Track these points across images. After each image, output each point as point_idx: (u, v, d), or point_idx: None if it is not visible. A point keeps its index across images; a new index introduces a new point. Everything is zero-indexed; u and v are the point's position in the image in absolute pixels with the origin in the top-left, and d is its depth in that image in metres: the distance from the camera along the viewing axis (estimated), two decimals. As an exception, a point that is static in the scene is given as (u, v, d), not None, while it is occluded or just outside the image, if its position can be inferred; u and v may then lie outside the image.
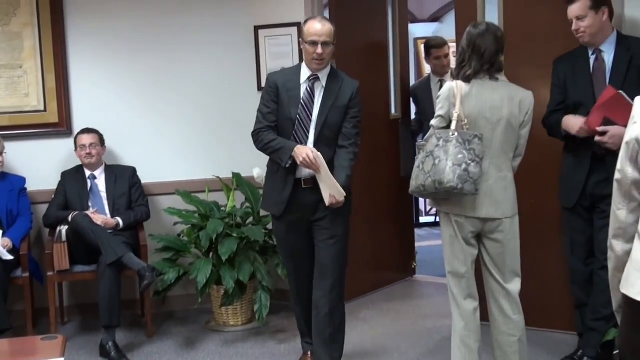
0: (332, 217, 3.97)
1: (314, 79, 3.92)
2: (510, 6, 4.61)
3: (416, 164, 3.67)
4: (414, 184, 3.67)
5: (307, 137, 3.91)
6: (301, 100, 3.90)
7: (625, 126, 3.68)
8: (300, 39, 3.97)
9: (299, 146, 3.83)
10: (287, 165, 3.85)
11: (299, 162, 3.81)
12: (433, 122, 3.70)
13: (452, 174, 3.44)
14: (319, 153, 3.82)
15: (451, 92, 3.61)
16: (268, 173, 4.16)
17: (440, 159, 3.50)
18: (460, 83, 3.62)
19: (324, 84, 3.93)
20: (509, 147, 3.68)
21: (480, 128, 3.58)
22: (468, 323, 3.72)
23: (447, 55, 6.05)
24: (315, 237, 4.04)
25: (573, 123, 3.96)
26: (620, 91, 3.78)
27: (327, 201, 3.85)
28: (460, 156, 3.46)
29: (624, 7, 4.21)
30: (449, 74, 5.36)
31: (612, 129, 3.78)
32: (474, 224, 3.66)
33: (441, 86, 5.11)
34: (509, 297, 3.74)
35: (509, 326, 3.74)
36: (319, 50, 3.83)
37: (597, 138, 3.83)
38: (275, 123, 3.93)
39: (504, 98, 3.63)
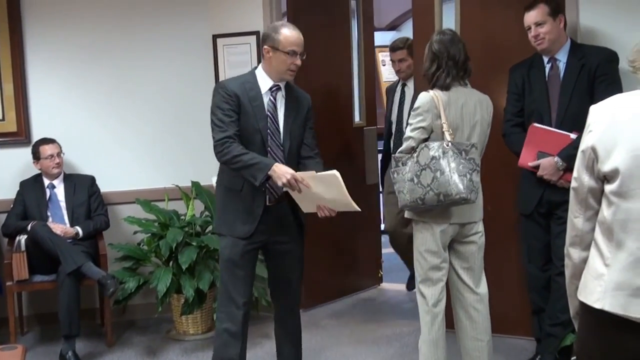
0: (297, 235, 3.78)
1: (276, 89, 3.66)
2: (467, 14, 4.67)
3: (407, 177, 3.62)
4: (408, 198, 3.61)
5: (281, 151, 3.63)
6: (267, 112, 3.61)
7: (555, 155, 3.86)
8: (268, 47, 3.59)
9: (277, 165, 3.44)
10: (259, 184, 3.47)
11: (280, 184, 3.42)
12: (413, 134, 3.65)
13: (461, 184, 3.47)
14: (308, 173, 3.48)
15: (433, 103, 3.60)
16: (223, 189, 3.73)
17: (441, 171, 3.48)
18: (438, 93, 3.64)
19: (284, 95, 3.71)
20: (481, 150, 3.76)
21: (460, 134, 3.64)
22: (439, 329, 3.75)
23: (401, 60, 5.59)
24: (273, 257, 3.81)
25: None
26: (534, 123, 3.93)
27: (306, 210, 3.65)
28: (461, 167, 3.50)
29: (578, 16, 4.29)
30: (411, 78, 5.39)
31: (542, 162, 3.93)
32: (455, 230, 3.72)
33: (402, 91, 5.08)
34: (480, 301, 3.81)
35: (477, 331, 3.80)
36: (298, 61, 3.61)
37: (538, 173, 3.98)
38: (239, 133, 3.56)
39: (475, 103, 3.72)
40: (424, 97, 3.65)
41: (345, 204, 3.44)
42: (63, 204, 5.13)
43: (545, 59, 4.09)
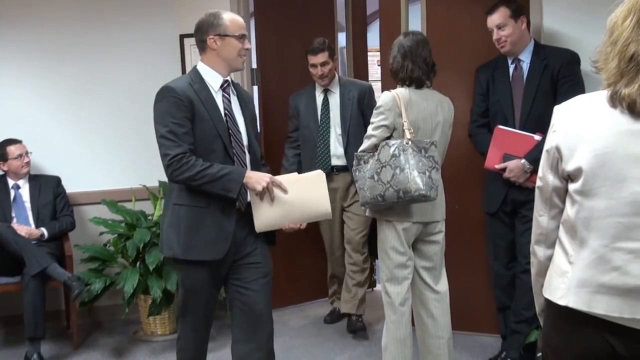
0: (262, 249, 3.36)
1: (227, 85, 3.29)
2: (433, 15, 4.71)
3: (367, 175, 3.62)
4: (368, 195, 3.62)
5: (245, 154, 3.28)
6: (225, 112, 3.23)
7: (522, 157, 3.91)
8: (214, 36, 3.21)
9: (249, 171, 3.17)
10: (236, 196, 3.11)
11: (257, 191, 3.11)
12: (375, 132, 3.67)
13: (420, 181, 3.49)
14: (290, 175, 3.29)
15: (394, 102, 3.63)
16: (183, 209, 3.19)
17: (401, 168, 3.50)
18: (400, 92, 3.67)
19: (234, 91, 3.35)
20: (443, 151, 3.80)
21: (422, 134, 3.67)
22: (405, 328, 3.77)
23: (324, 64, 4.94)
24: (238, 279, 3.33)
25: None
26: (499, 126, 3.98)
27: (260, 227, 3.23)
28: (421, 164, 3.52)
29: (542, 18, 4.35)
30: (335, 83, 5.03)
31: (509, 164, 3.98)
32: (418, 229, 3.75)
33: (326, 97, 4.99)
34: (441, 299, 3.83)
35: (438, 328, 3.83)
36: (248, 44, 3.29)
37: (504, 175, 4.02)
38: (193, 145, 3.12)
39: (437, 104, 3.76)
40: (386, 96, 3.69)
41: (321, 209, 3.23)
42: (28, 205, 5.08)
43: (509, 60, 4.14)
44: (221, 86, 3.26)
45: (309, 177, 3.27)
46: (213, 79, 3.25)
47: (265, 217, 3.20)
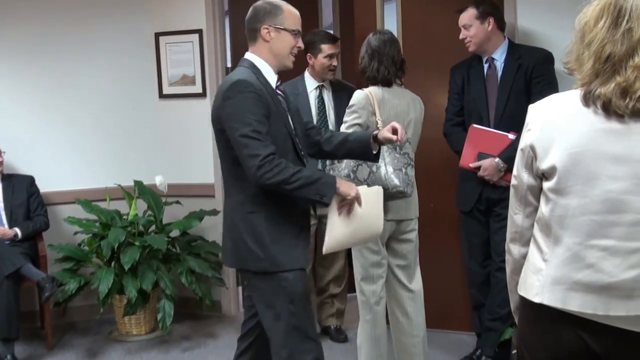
0: None
1: (279, 81, 3.08)
2: (408, 15, 4.73)
3: (343, 173, 3.57)
4: None
5: (306, 158, 3.08)
6: (286, 110, 3.04)
7: (496, 155, 3.94)
8: (269, 26, 2.95)
9: (339, 178, 3.01)
10: (330, 202, 2.87)
11: (349, 198, 2.90)
12: (349, 131, 3.63)
13: (397, 178, 3.49)
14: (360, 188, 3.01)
15: (367, 101, 3.63)
16: (261, 217, 2.92)
17: (377, 165, 3.49)
18: (373, 90, 3.67)
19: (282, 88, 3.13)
20: (413, 148, 3.81)
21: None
22: (380, 326, 3.77)
23: (333, 56, 4.66)
24: None
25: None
26: (474, 124, 4.01)
27: (329, 247, 3.01)
28: (396, 161, 3.53)
29: (516, 18, 4.39)
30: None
31: (483, 163, 4.02)
32: (392, 226, 3.75)
33: (320, 93, 4.69)
34: (415, 298, 3.85)
35: (412, 326, 3.84)
36: (301, 43, 3.06)
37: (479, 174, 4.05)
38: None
39: (409, 102, 3.77)
40: (359, 94, 3.69)
41: (374, 229, 3.08)
42: (1, 205, 5.03)
43: (484, 59, 4.17)
44: (277, 82, 3.05)
45: (371, 193, 3.06)
46: (269, 74, 3.01)
47: (336, 234, 2.96)
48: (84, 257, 5.03)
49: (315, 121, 4.60)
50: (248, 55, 3.03)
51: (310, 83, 4.71)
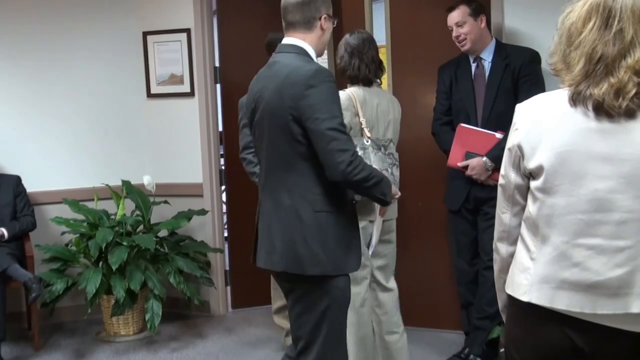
0: None
1: None
2: (396, 15, 4.73)
3: None
4: None
5: None
6: None
7: (484, 154, 3.95)
8: (327, 15, 2.89)
9: None
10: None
11: (396, 197, 2.98)
12: None
13: None
14: None
15: (350, 102, 3.61)
16: (329, 216, 2.78)
17: None
18: (355, 91, 3.67)
19: None
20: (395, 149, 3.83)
21: (376, 132, 3.68)
22: (365, 327, 3.77)
23: None
24: None
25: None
26: (461, 124, 4.02)
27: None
28: (382, 161, 3.54)
29: (503, 17, 4.40)
30: None
31: (471, 162, 4.02)
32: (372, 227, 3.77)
33: None
34: (392, 295, 3.87)
35: (392, 324, 3.86)
36: None
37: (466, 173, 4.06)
38: None
39: (388, 102, 3.78)
40: (342, 95, 3.61)
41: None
42: (-13, 205, 5.00)
43: (471, 59, 4.18)
44: None
45: None
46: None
47: (377, 234, 3.00)
48: (71, 258, 5.01)
49: None
50: (296, 42, 2.86)
51: None
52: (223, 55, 5.50)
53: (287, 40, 2.88)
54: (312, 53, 2.85)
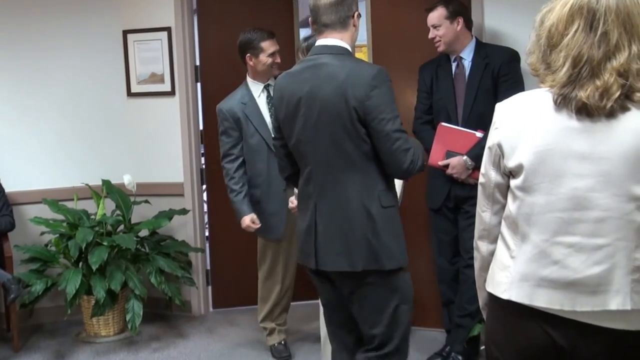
0: None
1: None
2: (378, 14, 4.74)
3: None
4: None
5: None
6: None
7: (464, 153, 3.97)
8: (357, 12, 2.96)
9: None
10: None
11: None
12: None
13: None
14: None
15: None
16: (394, 211, 2.94)
17: None
18: None
19: None
20: None
21: None
22: None
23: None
24: None
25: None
26: (442, 123, 4.04)
27: None
28: None
29: (483, 18, 4.43)
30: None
31: (452, 161, 4.05)
32: None
33: (269, 93, 4.43)
34: None
35: None
36: None
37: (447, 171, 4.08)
38: None
39: None
40: None
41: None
42: (-35, 205, 4.96)
43: (452, 58, 4.19)
44: None
45: None
46: None
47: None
48: (51, 258, 4.98)
49: (270, 123, 4.38)
50: (336, 42, 2.89)
51: (256, 88, 4.46)
52: (203, 54, 5.48)
53: (325, 41, 2.90)
54: (351, 51, 2.91)
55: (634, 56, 1.85)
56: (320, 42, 2.92)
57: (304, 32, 5.21)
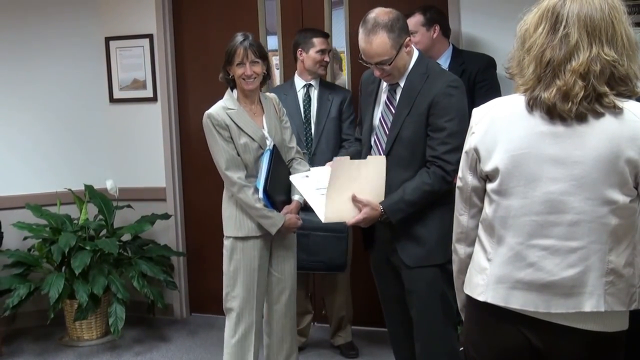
0: None
1: None
2: (356, 19, 4.72)
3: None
4: None
5: None
6: None
7: None
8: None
9: None
10: None
11: None
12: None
13: None
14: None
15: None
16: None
17: None
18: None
19: None
20: None
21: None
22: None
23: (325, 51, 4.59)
24: None
25: None
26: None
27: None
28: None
29: (460, 24, 4.49)
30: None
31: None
32: None
33: (307, 91, 4.57)
34: None
35: None
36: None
37: None
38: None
39: None
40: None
41: (376, 198, 3.11)
42: (-52, 210, 4.95)
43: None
44: None
45: (375, 161, 3.10)
46: None
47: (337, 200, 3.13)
48: (34, 262, 4.97)
49: (302, 119, 4.52)
50: (419, 56, 3.26)
51: (299, 82, 4.61)
52: (181, 61, 5.45)
53: None
54: None
55: (595, 57, 1.88)
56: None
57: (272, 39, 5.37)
